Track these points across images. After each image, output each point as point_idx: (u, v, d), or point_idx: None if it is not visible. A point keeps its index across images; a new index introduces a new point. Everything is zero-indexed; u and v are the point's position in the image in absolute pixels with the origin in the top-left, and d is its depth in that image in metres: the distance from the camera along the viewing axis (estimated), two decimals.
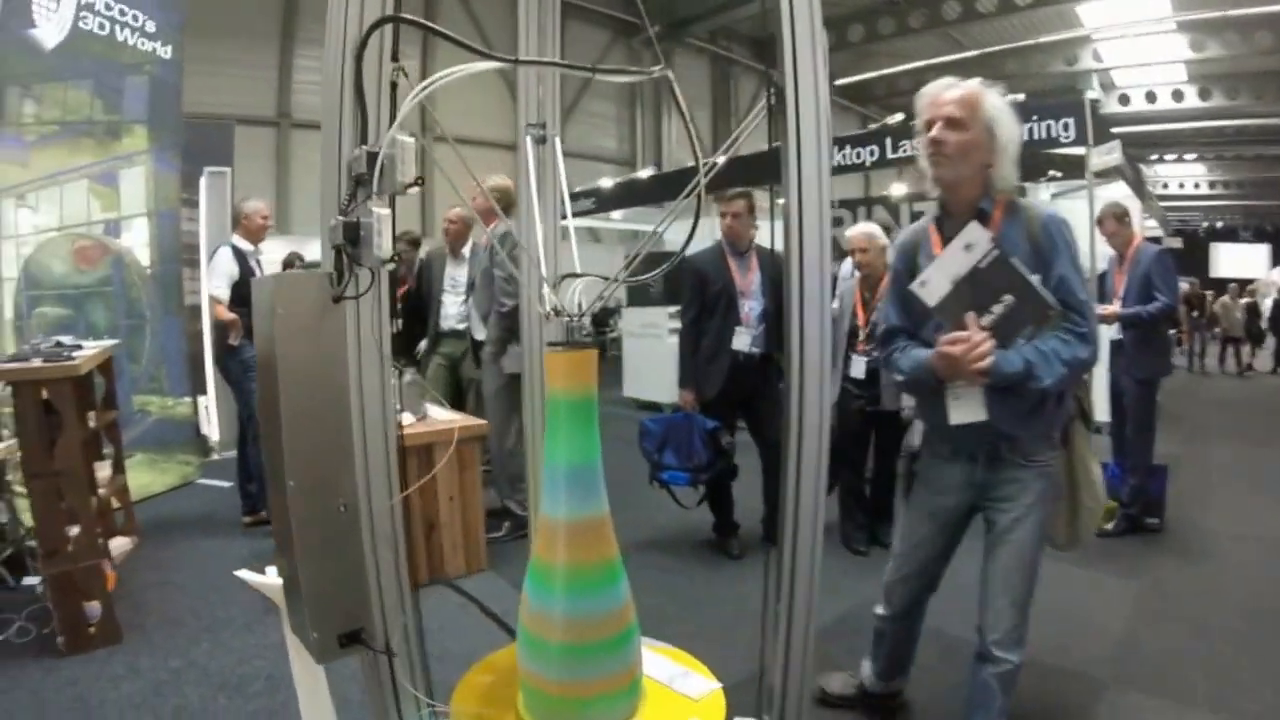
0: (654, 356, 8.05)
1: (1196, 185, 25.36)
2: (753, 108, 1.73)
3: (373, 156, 1.27)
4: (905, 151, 7.26)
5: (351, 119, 1.34)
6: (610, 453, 1.35)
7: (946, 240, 1.90)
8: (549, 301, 1.38)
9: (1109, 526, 4.00)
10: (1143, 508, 4.13)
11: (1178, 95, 16.36)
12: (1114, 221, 4.17)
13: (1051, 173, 6.96)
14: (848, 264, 4.19)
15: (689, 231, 1.56)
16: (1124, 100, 16.92)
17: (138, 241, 4.97)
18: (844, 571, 3.65)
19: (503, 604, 1.41)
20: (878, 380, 3.73)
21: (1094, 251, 4.72)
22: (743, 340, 3.75)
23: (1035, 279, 1.78)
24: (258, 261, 4.48)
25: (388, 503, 1.48)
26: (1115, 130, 7.03)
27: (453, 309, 4.69)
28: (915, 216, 7.00)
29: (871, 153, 7.54)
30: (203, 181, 6.13)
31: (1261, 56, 13.72)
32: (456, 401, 4.61)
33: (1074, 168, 6.31)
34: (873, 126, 10.91)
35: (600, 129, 18.64)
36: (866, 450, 4.00)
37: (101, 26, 4.59)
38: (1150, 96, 16.64)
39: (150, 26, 4.87)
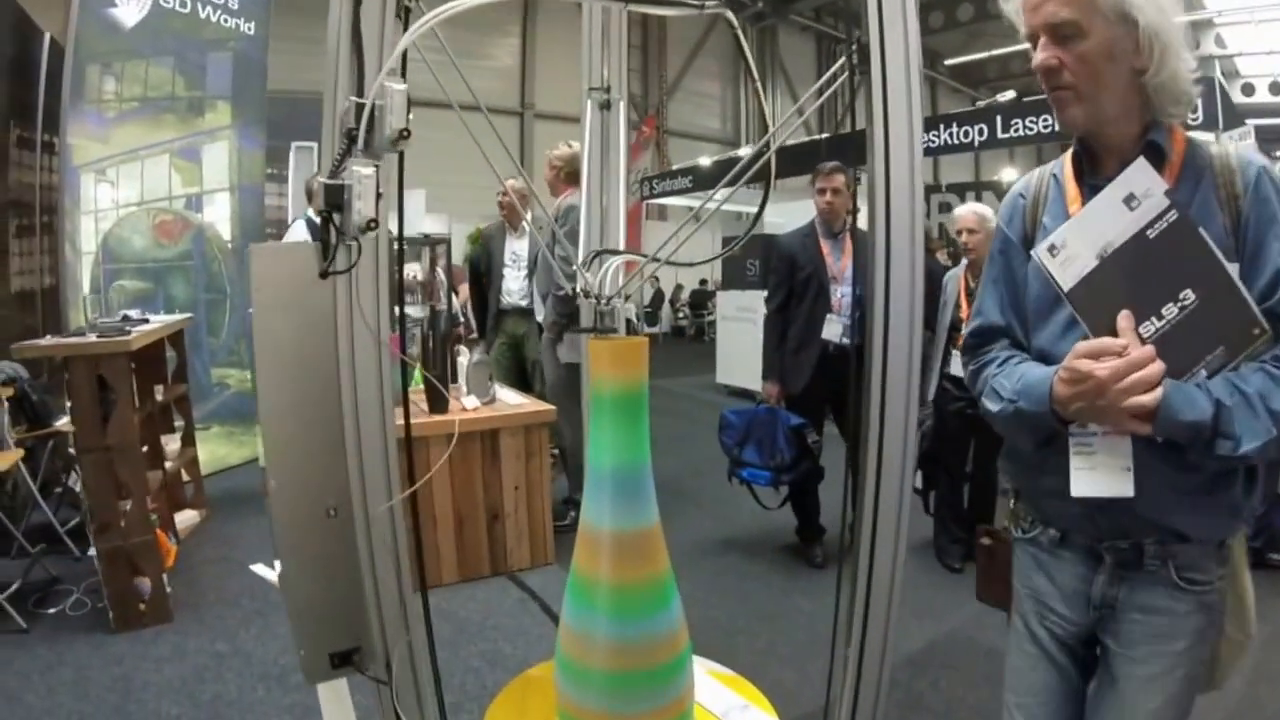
0: (748, 342, 7.48)
1: None
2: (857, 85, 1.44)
3: (360, 109, 1.10)
4: (1016, 132, 6.76)
5: (348, 70, 1.22)
6: (696, 442, 1.13)
7: (1092, 193, 1.15)
8: (580, 281, 1.20)
9: None
10: (1266, 541, 3.54)
11: None
12: None
13: None
14: None
15: (758, 209, 1.34)
16: (1248, 90, 15.45)
17: (220, 216, 5.01)
18: (936, 588, 3.34)
19: None
20: None
21: None
22: (834, 329, 3.44)
23: (1234, 269, 1.04)
24: None
25: (385, 506, 1.32)
26: None
27: (514, 284, 4.52)
28: None
29: (980, 132, 7.09)
30: (291, 157, 6.24)
31: None
32: (521, 383, 4.46)
33: None
34: (980, 104, 10.27)
35: (705, 108, 18.57)
36: (965, 456, 3.62)
37: (183, 4, 4.61)
38: (1275, 88, 15.14)
39: (233, 3, 4.88)
